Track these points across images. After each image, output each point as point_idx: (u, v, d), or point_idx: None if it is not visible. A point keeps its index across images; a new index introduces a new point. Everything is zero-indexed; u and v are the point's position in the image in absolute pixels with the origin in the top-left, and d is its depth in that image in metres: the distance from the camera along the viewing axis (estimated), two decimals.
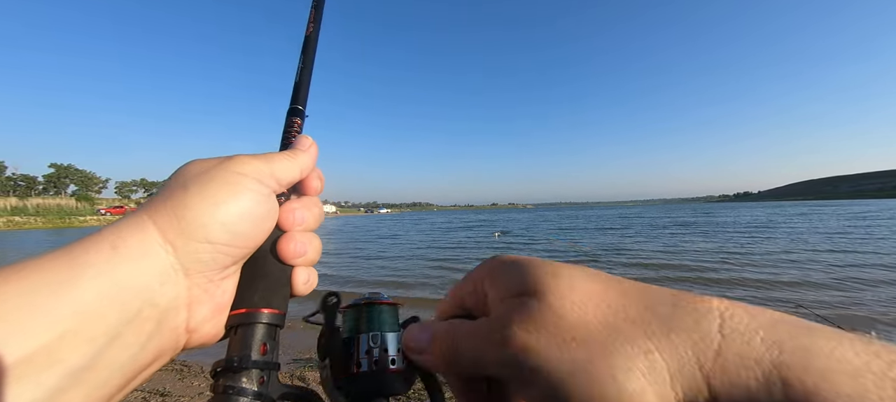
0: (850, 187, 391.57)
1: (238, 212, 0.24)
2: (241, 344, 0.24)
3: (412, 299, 5.88)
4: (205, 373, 3.11)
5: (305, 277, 0.29)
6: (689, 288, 0.56)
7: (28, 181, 67.89)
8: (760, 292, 5.80)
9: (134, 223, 0.22)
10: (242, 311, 0.26)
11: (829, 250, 9.56)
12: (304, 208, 0.29)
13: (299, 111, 0.34)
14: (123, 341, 0.20)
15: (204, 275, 0.24)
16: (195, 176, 0.24)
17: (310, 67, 0.37)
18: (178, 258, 0.23)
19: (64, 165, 72.30)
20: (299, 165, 0.29)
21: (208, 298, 0.24)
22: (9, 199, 54.55)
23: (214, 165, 0.25)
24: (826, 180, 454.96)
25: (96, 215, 54.14)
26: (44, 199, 60.01)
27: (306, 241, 0.28)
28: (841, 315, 4.33)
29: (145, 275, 0.21)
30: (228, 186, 0.24)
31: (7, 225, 39.20)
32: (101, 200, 74.85)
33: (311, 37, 0.37)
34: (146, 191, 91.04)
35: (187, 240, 0.23)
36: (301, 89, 0.35)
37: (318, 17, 0.39)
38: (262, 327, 0.25)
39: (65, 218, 47.45)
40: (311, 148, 0.31)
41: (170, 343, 0.23)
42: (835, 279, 6.26)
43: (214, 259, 0.24)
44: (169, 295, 0.22)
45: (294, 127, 0.33)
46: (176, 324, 0.23)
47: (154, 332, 0.22)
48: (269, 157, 0.28)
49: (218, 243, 0.24)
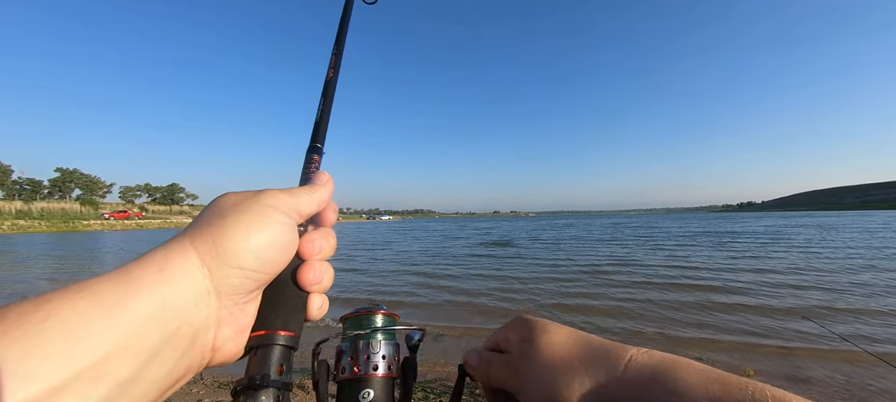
0: (856, 198, 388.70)
1: (267, 241, 0.27)
2: (260, 364, 0.26)
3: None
4: (203, 380, 3.11)
5: (319, 303, 0.31)
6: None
7: (34, 185, 68.44)
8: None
9: (178, 248, 0.24)
10: (263, 333, 0.27)
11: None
12: (322, 238, 0.32)
13: (318, 149, 0.37)
14: (163, 356, 0.22)
15: (232, 298, 0.26)
16: (231, 206, 0.27)
17: (328, 108, 0.40)
18: (213, 282, 0.24)
19: (69, 169, 72.93)
20: (318, 199, 0.32)
21: (233, 319, 0.26)
22: (14, 202, 54.96)
23: (248, 198, 0.28)
24: (831, 191, 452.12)
25: (100, 219, 54.41)
26: (49, 203, 60.41)
27: (322, 270, 0.31)
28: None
29: (186, 296, 0.23)
30: (260, 217, 0.27)
31: (12, 228, 39.43)
32: (106, 204, 75.28)
33: (331, 81, 0.41)
34: (150, 195, 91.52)
35: (221, 265, 0.25)
36: (320, 129, 0.38)
37: (337, 63, 0.42)
38: (279, 349, 0.27)
39: (69, 222, 47.66)
40: (329, 183, 0.34)
41: (198, 360, 0.25)
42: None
43: (243, 284, 0.26)
44: (202, 315, 0.24)
45: (313, 163, 0.36)
46: (205, 342, 0.25)
47: (187, 349, 0.23)
48: (293, 191, 0.31)
49: (248, 268, 0.26)
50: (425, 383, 3.06)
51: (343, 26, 0.46)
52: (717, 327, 4.44)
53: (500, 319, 5.02)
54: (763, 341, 3.99)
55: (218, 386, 3.03)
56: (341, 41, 0.44)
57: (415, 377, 0.34)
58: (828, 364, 3.43)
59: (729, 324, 4.53)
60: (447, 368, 3.41)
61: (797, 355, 3.65)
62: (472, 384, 0.36)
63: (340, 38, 0.45)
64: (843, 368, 3.34)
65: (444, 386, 3.01)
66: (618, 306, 5.38)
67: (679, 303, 5.47)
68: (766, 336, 4.11)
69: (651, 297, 5.86)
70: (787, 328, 4.30)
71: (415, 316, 5.24)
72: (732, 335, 4.20)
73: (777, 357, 3.61)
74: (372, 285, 7.74)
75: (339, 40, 0.44)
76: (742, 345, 3.91)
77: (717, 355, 3.69)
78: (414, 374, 0.34)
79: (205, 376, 3.18)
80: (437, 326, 4.64)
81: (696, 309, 5.15)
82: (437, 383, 3.08)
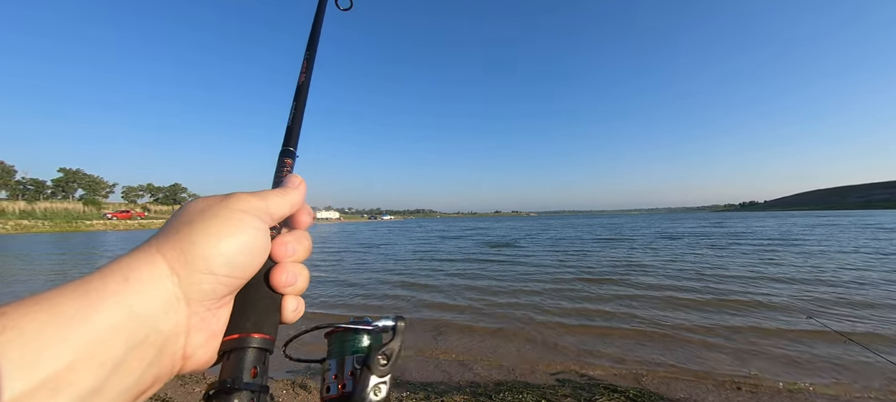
0: (859, 198, 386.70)
1: (238, 246, 0.27)
2: (233, 367, 0.26)
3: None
4: (206, 380, 3.12)
5: (294, 305, 0.31)
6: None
7: (37, 185, 68.76)
8: None
9: (144, 256, 0.24)
10: (235, 336, 0.27)
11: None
12: (295, 240, 0.32)
13: (291, 152, 0.37)
14: (129, 366, 0.21)
15: (203, 304, 0.26)
16: (199, 212, 0.27)
17: (301, 112, 0.40)
18: (182, 288, 0.24)
19: (72, 169, 73.21)
20: (290, 202, 0.32)
21: (204, 325, 0.26)
22: (18, 203, 55.22)
23: (216, 203, 0.28)
24: (833, 190, 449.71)
25: (102, 219, 54.61)
26: (52, 203, 60.68)
27: (296, 271, 0.31)
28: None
29: (153, 304, 0.23)
30: (230, 222, 0.27)
31: (15, 229, 39.63)
32: (109, 204, 75.57)
33: (303, 85, 0.41)
34: (152, 196, 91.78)
35: (191, 271, 0.25)
36: (293, 133, 0.38)
37: (309, 68, 0.42)
38: (253, 352, 0.27)
39: (72, 222, 47.87)
40: (301, 186, 0.34)
41: (167, 368, 0.25)
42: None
43: (214, 289, 0.26)
44: (171, 323, 0.24)
45: (285, 167, 0.36)
46: (174, 350, 0.24)
47: (155, 358, 0.23)
48: (264, 194, 0.30)
49: (219, 274, 0.26)
50: (426, 383, 3.07)
51: (315, 30, 0.45)
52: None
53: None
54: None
55: None
56: (313, 45, 0.44)
57: (388, 365, 0.32)
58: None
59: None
60: (448, 368, 3.41)
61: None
62: (476, 383, 0.34)
63: (313, 43, 0.44)
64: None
65: (446, 386, 3.02)
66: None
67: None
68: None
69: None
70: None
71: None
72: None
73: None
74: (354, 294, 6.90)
75: (311, 45, 0.44)
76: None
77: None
78: (394, 357, 0.32)
79: (207, 375, 3.20)
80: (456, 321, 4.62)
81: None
82: (439, 383, 3.09)
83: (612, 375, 3.22)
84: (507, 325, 4.61)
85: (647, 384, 3.02)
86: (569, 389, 2.95)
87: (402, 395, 2.78)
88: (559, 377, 3.20)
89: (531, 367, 3.42)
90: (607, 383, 3.05)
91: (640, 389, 2.93)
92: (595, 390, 2.91)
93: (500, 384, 3.02)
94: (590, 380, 3.11)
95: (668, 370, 3.32)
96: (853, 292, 5.93)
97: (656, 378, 3.14)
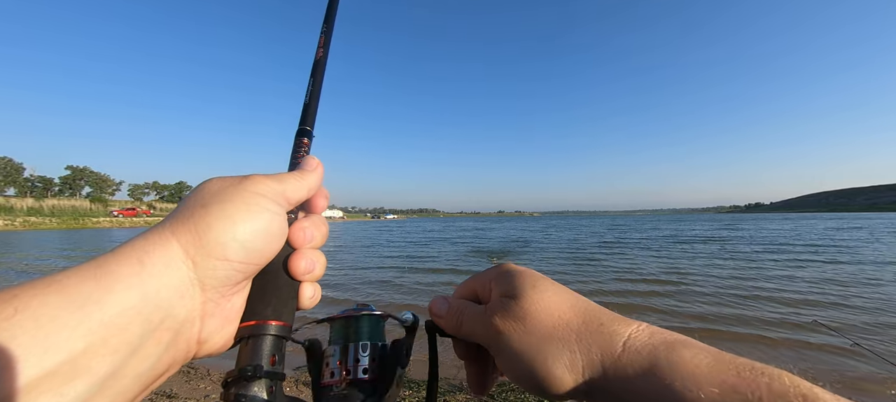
0: (866, 200, 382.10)
1: (254, 230, 0.26)
2: (251, 354, 0.25)
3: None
4: (210, 376, 3.15)
5: (311, 292, 0.30)
6: None
7: (45, 182, 69.55)
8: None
9: (158, 239, 0.23)
10: (253, 323, 0.27)
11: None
12: (313, 226, 0.30)
13: (308, 132, 0.35)
14: (144, 351, 0.21)
15: (217, 290, 0.25)
16: (214, 194, 0.26)
17: (318, 89, 0.37)
18: (197, 274, 0.24)
19: (80, 167, 74.00)
20: (307, 185, 0.31)
21: (219, 311, 0.26)
22: (26, 200, 55.89)
23: (232, 185, 0.26)
24: (840, 192, 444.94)
25: (109, 216, 55.13)
26: (59, 200, 61.34)
27: (315, 258, 0.30)
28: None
29: (168, 289, 0.22)
30: (246, 205, 0.26)
31: (23, 225, 40.13)
32: (115, 201, 76.31)
33: (320, 61, 0.38)
34: (158, 193, 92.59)
35: (206, 257, 0.24)
36: (309, 111, 0.36)
37: (327, 42, 0.40)
38: (271, 339, 0.26)
39: (79, 219, 48.40)
40: (318, 168, 0.32)
41: (182, 353, 0.24)
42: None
43: (229, 275, 0.25)
44: (186, 308, 0.23)
45: (302, 147, 0.34)
46: (189, 335, 0.24)
47: (170, 342, 0.23)
48: (281, 177, 0.29)
49: (234, 260, 0.25)
50: (425, 381, 3.07)
51: (333, 2, 0.42)
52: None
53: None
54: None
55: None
56: (331, 18, 0.41)
57: (407, 360, 0.32)
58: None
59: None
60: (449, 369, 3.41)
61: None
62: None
63: (330, 16, 0.41)
64: None
65: (449, 384, 3.02)
66: None
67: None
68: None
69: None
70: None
71: None
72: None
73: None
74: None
75: (328, 17, 0.41)
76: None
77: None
78: (406, 356, 0.33)
79: (211, 371, 3.23)
80: None
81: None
82: (441, 381, 3.09)
83: None
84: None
85: None
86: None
87: (402, 394, 2.79)
88: None
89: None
90: None
91: None
92: None
93: (502, 384, 3.02)
94: None
95: None
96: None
97: None
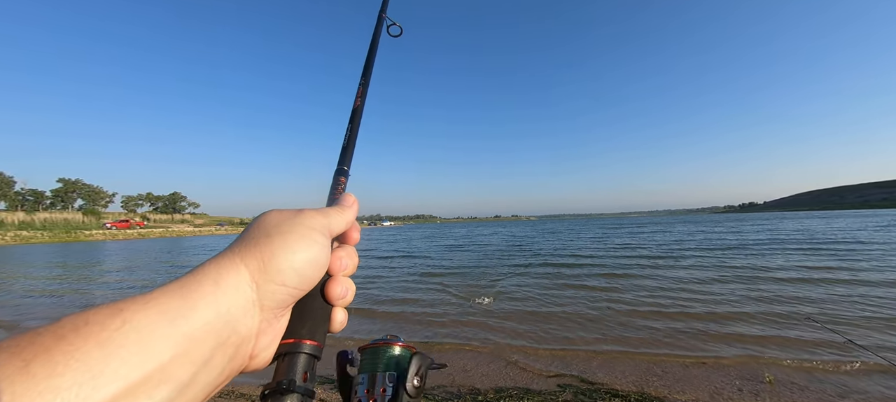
0: (857, 197, 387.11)
1: (307, 259, 0.29)
2: (287, 370, 0.29)
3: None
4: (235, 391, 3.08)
5: (342, 317, 0.34)
6: None
7: (36, 196, 68.57)
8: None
9: (230, 264, 0.27)
10: (291, 341, 0.30)
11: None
12: (347, 256, 0.35)
13: (345, 171, 0.41)
14: (214, 362, 0.24)
15: (272, 311, 0.28)
16: (275, 226, 0.30)
17: (355, 134, 0.44)
18: (259, 296, 0.27)
19: (72, 179, 73.11)
20: (346, 220, 0.35)
21: (270, 329, 0.29)
22: (17, 213, 55.05)
23: (289, 218, 0.31)
24: (832, 190, 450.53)
25: (102, 228, 54.43)
26: (51, 213, 60.49)
27: (347, 285, 0.34)
28: None
29: (236, 308, 0.26)
30: (302, 237, 0.30)
31: (14, 239, 39.49)
32: (108, 213, 75.30)
33: (358, 109, 0.45)
34: (152, 204, 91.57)
35: (268, 281, 0.27)
36: (347, 153, 0.42)
37: (364, 92, 0.46)
38: (305, 357, 0.29)
39: (71, 232, 47.71)
40: (354, 205, 0.37)
41: (238, 366, 0.27)
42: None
43: (284, 299, 0.29)
44: (248, 326, 0.27)
45: (340, 185, 0.40)
46: (246, 351, 0.27)
47: (232, 355, 0.26)
48: (326, 212, 0.34)
49: (290, 285, 0.28)
50: (427, 390, 3.03)
51: (370, 58, 0.50)
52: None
53: None
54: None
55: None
56: (368, 72, 0.48)
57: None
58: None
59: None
60: (452, 377, 3.38)
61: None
62: (477, 390, 0.34)
63: (367, 69, 0.48)
64: None
65: (447, 393, 2.99)
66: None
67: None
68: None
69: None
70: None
71: None
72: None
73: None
74: None
75: (366, 71, 0.48)
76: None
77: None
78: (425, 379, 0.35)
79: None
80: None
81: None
82: (438, 390, 3.07)
83: (613, 380, 3.20)
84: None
85: (651, 390, 3.00)
86: (570, 394, 2.92)
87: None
88: (560, 382, 3.18)
89: (532, 375, 3.39)
90: (609, 387, 3.03)
91: (642, 393, 2.91)
92: (596, 395, 2.89)
93: (501, 391, 3.00)
94: (591, 386, 3.09)
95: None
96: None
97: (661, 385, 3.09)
